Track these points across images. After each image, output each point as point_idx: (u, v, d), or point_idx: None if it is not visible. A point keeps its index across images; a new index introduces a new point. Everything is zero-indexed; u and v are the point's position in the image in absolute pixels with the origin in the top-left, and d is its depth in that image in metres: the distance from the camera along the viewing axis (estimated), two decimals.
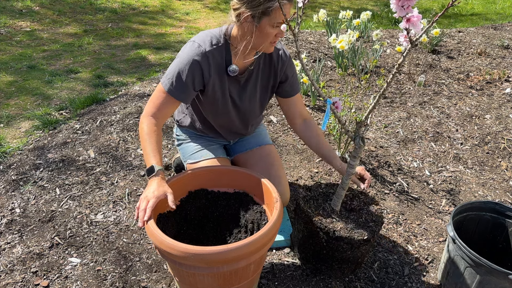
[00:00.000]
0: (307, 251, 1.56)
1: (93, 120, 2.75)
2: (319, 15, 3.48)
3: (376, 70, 3.63)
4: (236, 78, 1.50)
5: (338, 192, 1.47)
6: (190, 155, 1.70)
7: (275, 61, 1.53)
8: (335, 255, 1.47)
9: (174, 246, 1.09)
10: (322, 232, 1.41)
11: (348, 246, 1.42)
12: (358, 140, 1.31)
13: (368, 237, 1.40)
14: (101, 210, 1.94)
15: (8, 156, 2.37)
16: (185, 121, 1.74)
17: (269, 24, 1.29)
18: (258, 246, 1.14)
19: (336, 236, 1.39)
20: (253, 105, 1.61)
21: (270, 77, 1.57)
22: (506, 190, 2.18)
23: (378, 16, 5.85)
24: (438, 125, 2.81)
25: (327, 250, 1.46)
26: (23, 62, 3.87)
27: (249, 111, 1.62)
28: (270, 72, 1.56)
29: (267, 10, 1.25)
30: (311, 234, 1.46)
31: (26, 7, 5.70)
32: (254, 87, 1.57)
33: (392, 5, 0.96)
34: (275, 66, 1.54)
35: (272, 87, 1.60)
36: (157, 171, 1.28)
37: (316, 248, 1.49)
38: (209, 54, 1.39)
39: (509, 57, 4.04)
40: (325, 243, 1.43)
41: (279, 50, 1.54)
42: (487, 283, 1.34)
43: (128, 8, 6.25)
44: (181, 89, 1.40)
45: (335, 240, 1.41)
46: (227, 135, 1.73)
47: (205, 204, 1.48)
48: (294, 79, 1.61)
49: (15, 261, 1.64)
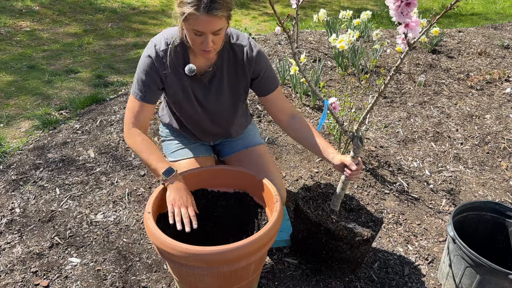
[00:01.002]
0: (307, 251, 1.56)
1: (93, 120, 2.75)
2: (319, 15, 3.48)
3: (376, 70, 3.63)
4: (197, 78, 1.43)
5: (337, 193, 1.47)
6: (171, 153, 1.67)
7: (240, 59, 1.43)
8: (334, 255, 1.47)
9: (174, 246, 1.09)
10: (322, 233, 1.41)
11: (347, 246, 1.42)
12: (357, 141, 1.31)
13: (368, 237, 1.40)
14: (101, 210, 1.93)
15: (8, 156, 2.37)
16: (165, 118, 1.72)
17: (189, 30, 1.22)
18: (258, 246, 1.14)
19: (335, 236, 1.39)
20: (221, 106, 1.53)
21: (238, 76, 1.47)
22: (506, 190, 2.18)
23: (378, 16, 5.85)
24: (438, 125, 2.81)
25: (326, 251, 1.47)
26: (23, 62, 3.87)
27: (218, 112, 1.55)
28: (237, 71, 1.46)
29: (183, 14, 1.18)
30: (311, 234, 1.46)
31: (26, 7, 5.70)
32: (220, 87, 1.48)
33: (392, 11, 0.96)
34: (242, 65, 1.44)
35: (244, 87, 1.51)
36: (176, 172, 1.32)
37: (316, 249, 1.49)
38: (163, 53, 1.36)
39: (509, 57, 4.04)
40: (324, 243, 1.43)
41: (244, 47, 1.43)
42: (487, 283, 1.34)
43: (128, 8, 6.25)
44: (145, 91, 1.39)
45: (335, 241, 1.41)
46: (203, 136, 1.66)
47: (205, 204, 1.48)
48: (268, 75, 1.49)
49: (15, 261, 1.64)
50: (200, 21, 1.17)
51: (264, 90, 1.51)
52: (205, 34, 1.20)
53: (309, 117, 2.87)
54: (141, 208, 1.96)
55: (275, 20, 5.93)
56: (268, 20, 5.96)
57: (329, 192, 1.60)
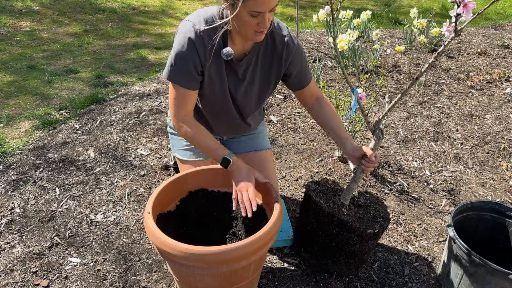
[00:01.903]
0: (314, 244, 1.53)
1: (93, 120, 2.75)
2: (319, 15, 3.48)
3: (376, 70, 3.63)
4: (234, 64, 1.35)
5: (349, 186, 1.48)
6: (179, 150, 1.64)
7: (279, 49, 1.36)
8: (344, 248, 1.46)
9: (174, 246, 1.09)
10: (334, 224, 1.41)
11: (358, 238, 1.41)
12: (378, 133, 1.35)
13: (378, 231, 1.41)
14: (101, 210, 1.93)
15: (8, 156, 2.37)
16: None
17: (246, 12, 1.14)
18: (258, 246, 1.14)
19: (347, 227, 1.39)
20: (250, 96, 1.46)
21: (273, 67, 1.40)
22: (506, 190, 2.18)
23: (378, 16, 5.85)
24: (438, 125, 2.81)
25: (336, 243, 1.45)
26: (23, 62, 3.87)
27: (246, 102, 1.47)
28: (273, 62, 1.39)
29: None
30: (322, 225, 1.45)
31: (26, 7, 5.70)
32: (252, 77, 1.41)
33: None
34: (279, 55, 1.37)
35: (275, 78, 1.44)
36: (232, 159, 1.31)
37: (325, 241, 1.48)
38: (203, 34, 1.25)
39: (509, 57, 4.04)
40: (336, 235, 1.43)
41: (285, 36, 1.35)
42: (487, 283, 1.34)
43: (128, 8, 6.25)
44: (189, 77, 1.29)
45: (346, 232, 1.40)
46: (219, 129, 1.60)
47: (205, 204, 1.48)
48: (305, 69, 1.44)
49: (15, 261, 1.64)
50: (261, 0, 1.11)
51: (299, 85, 1.47)
52: (262, 13, 1.15)
53: (309, 117, 2.88)
54: (141, 208, 1.96)
55: None
56: None
57: (337, 188, 1.61)
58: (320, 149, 2.50)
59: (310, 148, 2.51)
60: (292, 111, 2.95)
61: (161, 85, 3.36)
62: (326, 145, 2.54)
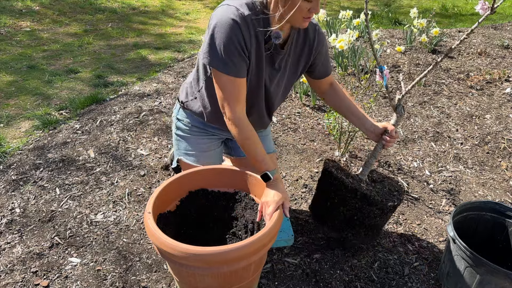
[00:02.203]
0: (336, 218, 1.56)
1: (93, 120, 2.75)
2: (319, 15, 3.48)
3: (376, 70, 3.63)
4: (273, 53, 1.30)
5: (368, 161, 1.54)
6: (184, 152, 1.59)
7: (311, 38, 1.34)
8: (365, 221, 1.52)
9: (175, 247, 1.09)
10: (357, 198, 1.46)
11: (379, 211, 1.49)
12: (400, 109, 1.44)
13: (397, 204, 1.50)
14: (101, 210, 1.93)
15: (8, 156, 2.37)
16: (193, 105, 1.50)
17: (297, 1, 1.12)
18: (259, 246, 1.14)
19: (370, 201, 1.45)
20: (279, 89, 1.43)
21: (303, 56, 1.38)
22: (506, 190, 2.18)
23: (378, 16, 5.85)
24: (438, 125, 2.81)
25: (358, 216, 1.51)
26: (23, 62, 3.87)
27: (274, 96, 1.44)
28: (303, 50, 1.36)
29: None
30: (344, 200, 1.50)
31: (26, 7, 5.70)
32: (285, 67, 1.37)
33: None
34: (311, 44, 1.35)
35: (303, 68, 1.43)
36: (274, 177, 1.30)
37: (347, 215, 1.52)
38: (248, 19, 1.18)
39: (509, 57, 4.04)
40: (358, 208, 1.48)
41: (316, 24, 1.34)
42: (487, 283, 1.34)
43: (128, 8, 6.25)
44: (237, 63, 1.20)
45: (369, 206, 1.47)
46: None
47: (205, 204, 1.48)
48: (328, 58, 1.46)
49: (15, 261, 1.64)
50: None
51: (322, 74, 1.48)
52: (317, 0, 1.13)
53: (309, 117, 2.88)
54: (141, 208, 1.96)
55: None
56: None
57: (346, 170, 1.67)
58: (320, 149, 2.50)
59: (310, 148, 2.51)
60: (292, 111, 2.95)
61: (161, 85, 3.36)
62: (326, 145, 2.54)
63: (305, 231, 1.83)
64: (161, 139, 2.53)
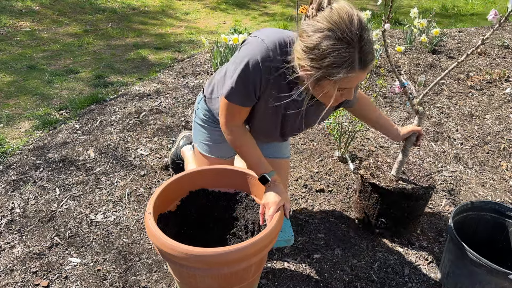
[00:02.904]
0: (388, 220, 1.74)
1: (93, 120, 2.75)
2: None
3: (376, 70, 3.63)
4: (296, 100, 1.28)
5: (400, 160, 1.69)
6: (201, 143, 1.61)
7: None
8: (413, 214, 1.72)
9: (175, 248, 1.09)
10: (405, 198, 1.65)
11: (424, 202, 1.70)
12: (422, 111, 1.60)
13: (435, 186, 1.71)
14: (101, 210, 1.93)
15: (8, 156, 2.37)
16: (214, 103, 1.50)
17: (332, 86, 1.05)
18: (260, 247, 1.14)
19: (417, 197, 1.64)
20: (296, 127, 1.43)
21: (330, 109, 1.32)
22: (506, 190, 2.18)
23: (378, 16, 5.85)
24: (438, 125, 2.81)
25: (408, 212, 1.69)
26: (23, 62, 3.87)
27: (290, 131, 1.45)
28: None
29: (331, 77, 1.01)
30: (392, 203, 1.68)
31: (26, 7, 5.70)
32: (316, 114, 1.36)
33: None
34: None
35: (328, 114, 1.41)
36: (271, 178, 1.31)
37: (397, 215, 1.71)
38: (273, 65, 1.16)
39: (509, 57, 4.04)
40: (406, 207, 1.67)
41: None
42: (487, 283, 1.34)
43: (128, 8, 6.25)
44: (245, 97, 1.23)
45: (416, 201, 1.66)
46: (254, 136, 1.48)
47: (205, 204, 1.48)
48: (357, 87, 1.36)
49: (15, 261, 1.64)
50: (352, 79, 1.02)
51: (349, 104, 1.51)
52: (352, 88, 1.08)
53: None
54: (141, 208, 1.96)
55: (275, 20, 5.93)
56: (268, 20, 5.95)
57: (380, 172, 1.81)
58: (320, 149, 2.50)
59: (310, 148, 2.51)
60: None
61: (161, 85, 3.36)
62: (326, 145, 2.54)
63: (305, 231, 1.83)
64: (161, 139, 2.52)
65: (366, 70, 1.03)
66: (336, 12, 0.98)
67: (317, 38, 0.99)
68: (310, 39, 1.00)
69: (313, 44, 1.00)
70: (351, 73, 1.00)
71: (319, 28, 0.99)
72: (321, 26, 0.99)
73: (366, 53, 1.00)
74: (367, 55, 1.00)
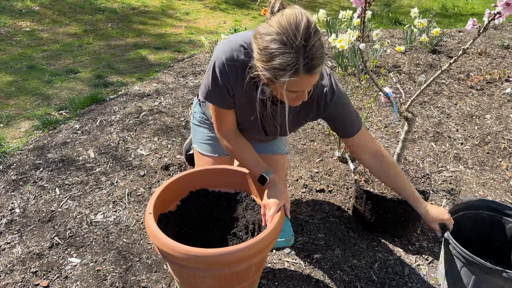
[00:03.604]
0: (385, 224, 1.78)
1: (93, 120, 2.75)
2: (318, 15, 3.48)
3: (376, 70, 3.63)
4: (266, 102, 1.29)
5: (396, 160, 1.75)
6: (199, 142, 1.66)
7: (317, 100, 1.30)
8: (410, 217, 1.73)
9: (175, 248, 1.09)
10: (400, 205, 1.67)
11: None
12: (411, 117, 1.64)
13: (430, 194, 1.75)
14: (101, 210, 1.93)
15: (8, 156, 2.36)
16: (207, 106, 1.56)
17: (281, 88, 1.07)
18: (260, 248, 1.14)
19: None
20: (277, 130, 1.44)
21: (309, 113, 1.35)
22: (506, 190, 2.18)
23: (378, 16, 5.85)
24: (438, 125, 2.81)
25: (405, 217, 1.72)
26: (23, 62, 3.87)
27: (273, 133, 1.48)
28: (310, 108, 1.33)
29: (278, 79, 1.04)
30: (388, 209, 1.72)
31: (26, 7, 5.69)
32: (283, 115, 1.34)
33: None
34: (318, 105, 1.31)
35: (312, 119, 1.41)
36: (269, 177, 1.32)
37: (395, 219, 1.74)
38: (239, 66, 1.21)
39: (509, 57, 4.04)
40: (403, 211, 1.70)
41: (324, 86, 1.27)
42: (483, 282, 1.34)
43: (128, 8, 6.25)
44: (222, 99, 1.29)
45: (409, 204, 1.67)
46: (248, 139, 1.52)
47: (206, 204, 1.48)
48: (346, 120, 1.35)
49: (15, 261, 1.64)
50: (299, 83, 1.05)
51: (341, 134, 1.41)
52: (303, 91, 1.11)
53: None
54: (141, 208, 1.96)
55: None
56: None
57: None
58: (320, 149, 2.50)
59: (310, 148, 2.50)
60: None
61: (161, 85, 3.36)
62: (326, 145, 2.54)
63: (305, 231, 1.83)
64: (161, 139, 2.52)
65: (313, 74, 1.05)
66: (285, 17, 1.01)
67: (267, 41, 1.03)
68: (262, 41, 1.04)
69: (263, 46, 1.04)
70: (295, 76, 1.02)
71: (269, 31, 1.03)
72: (271, 29, 1.02)
73: (311, 58, 1.01)
74: (313, 60, 1.02)
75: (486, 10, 1.25)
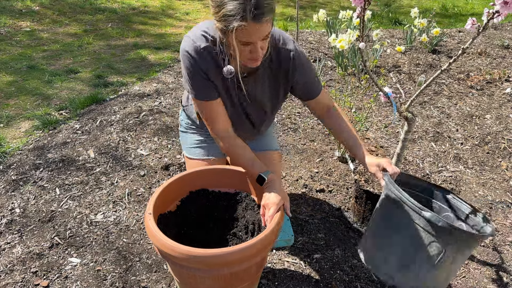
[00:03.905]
0: None
1: (93, 120, 2.75)
2: (318, 15, 3.48)
3: (376, 70, 3.63)
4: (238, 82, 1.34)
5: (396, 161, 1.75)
6: (188, 147, 1.66)
7: (285, 65, 1.35)
8: None
9: (175, 248, 1.09)
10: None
11: None
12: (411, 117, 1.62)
13: None
14: (101, 210, 1.93)
15: (8, 156, 2.36)
16: (192, 110, 1.61)
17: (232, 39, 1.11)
18: (260, 248, 1.14)
19: None
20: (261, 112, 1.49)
21: (280, 82, 1.40)
22: (506, 190, 2.18)
23: (378, 16, 5.85)
24: (438, 125, 2.81)
25: None
26: (23, 62, 3.87)
27: (257, 117, 1.51)
28: (279, 76, 1.38)
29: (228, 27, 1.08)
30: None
31: (26, 7, 5.69)
32: (262, 92, 1.41)
33: None
34: (286, 70, 1.36)
35: (284, 92, 1.45)
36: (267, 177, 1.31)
37: None
38: (204, 52, 1.26)
39: (509, 57, 4.04)
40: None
41: (290, 51, 1.33)
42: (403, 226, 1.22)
43: (128, 8, 6.25)
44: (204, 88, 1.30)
45: None
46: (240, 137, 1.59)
47: (206, 204, 1.48)
48: (310, 83, 1.42)
49: (15, 261, 1.64)
50: (248, 32, 1.09)
51: (306, 97, 1.46)
52: (254, 43, 1.13)
53: (309, 116, 2.87)
54: (141, 208, 1.96)
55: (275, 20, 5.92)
56: None
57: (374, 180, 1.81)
58: (320, 149, 2.50)
59: (310, 148, 2.50)
60: (292, 111, 2.95)
61: (161, 85, 3.36)
62: (326, 145, 2.54)
63: (305, 231, 1.83)
64: (161, 139, 2.52)
65: (261, 23, 1.07)
66: None
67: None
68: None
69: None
70: (243, 22, 1.05)
71: None
72: None
73: (258, 6, 1.04)
74: (260, 8, 1.05)
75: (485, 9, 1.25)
